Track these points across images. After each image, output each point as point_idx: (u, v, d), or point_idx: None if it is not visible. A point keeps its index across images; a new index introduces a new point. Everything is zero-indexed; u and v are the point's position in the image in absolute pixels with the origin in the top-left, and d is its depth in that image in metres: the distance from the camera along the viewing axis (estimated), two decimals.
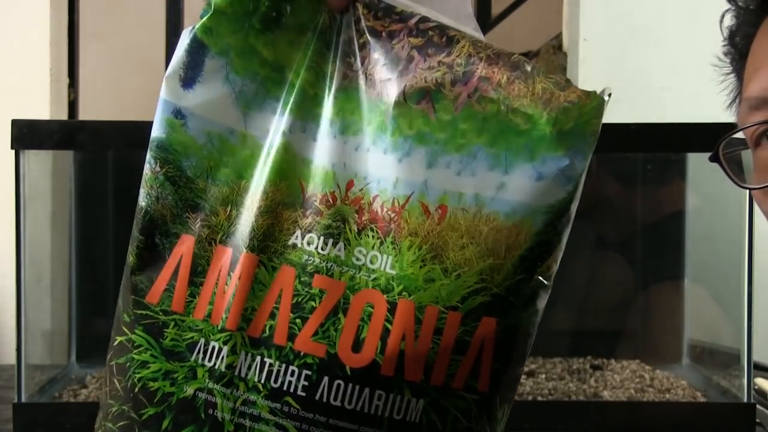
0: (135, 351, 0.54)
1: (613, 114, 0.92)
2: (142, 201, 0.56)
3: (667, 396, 1.02)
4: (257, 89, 0.55)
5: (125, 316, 0.55)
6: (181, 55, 0.55)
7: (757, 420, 0.96)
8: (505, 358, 0.53)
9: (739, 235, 0.96)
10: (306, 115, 0.55)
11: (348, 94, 0.54)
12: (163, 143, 0.55)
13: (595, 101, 0.52)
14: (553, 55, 1.64)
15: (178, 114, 0.55)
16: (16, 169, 0.94)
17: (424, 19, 0.54)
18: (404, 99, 0.53)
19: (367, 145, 0.54)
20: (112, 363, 0.55)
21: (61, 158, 1.12)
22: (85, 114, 1.58)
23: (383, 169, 0.53)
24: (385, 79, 0.54)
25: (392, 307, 0.52)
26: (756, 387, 1.05)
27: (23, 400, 0.94)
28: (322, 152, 0.54)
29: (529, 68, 0.53)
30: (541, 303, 0.54)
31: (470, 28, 0.56)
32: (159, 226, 0.55)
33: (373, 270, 0.53)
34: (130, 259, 0.56)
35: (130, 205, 0.57)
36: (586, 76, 1.45)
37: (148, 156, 0.55)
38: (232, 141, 0.55)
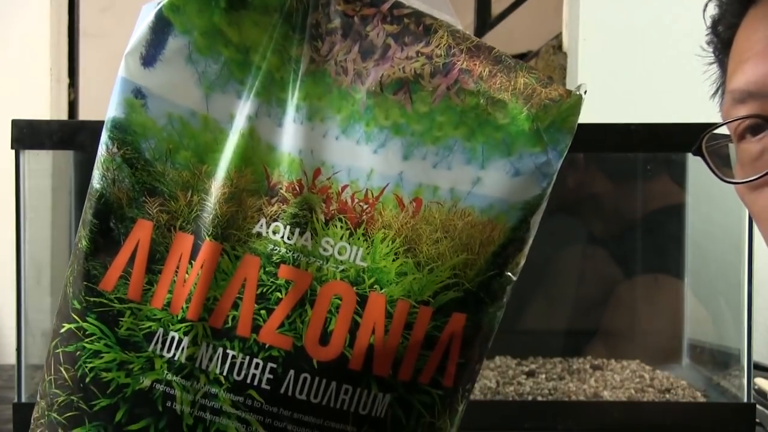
0: (87, 340, 0.52)
1: (614, 114, 0.92)
2: (97, 183, 0.53)
3: (667, 396, 1.01)
4: (220, 70, 0.53)
5: (75, 302, 0.53)
6: (143, 33, 0.53)
7: (757, 420, 0.96)
8: (470, 354, 0.53)
9: (739, 235, 0.96)
10: (271, 99, 0.53)
11: (315, 79, 0.53)
12: (121, 124, 0.53)
13: (573, 98, 0.52)
14: (553, 55, 1.64)
15: (138, 93, 0.53)
16: (16, 169, 0.94)
17: (397, 5, 0.53)
18: (381, 89, 0.52)
19: (335, 133, 0.53)
20: (59, 351, 0.53)
21: (61, 158, 1.12)
22: (85, 114, 1.58)
23: (356, 159, 0.52)
24: (358, 66, 0.53)
25: (362, 300, 0.51)
26: (756, 387, 1.05)
27: (23, 400, 0.94)
28: (288, 138, 0.53)
29: (511, 62, 0.52)
30: (507, 298, 0.54)
31: (445, 13, 0.55)
32: (114, 210, 0.53)
33: (341, 261, 0.52)
34: (83, 243, 0.54)
35: None
36: (586, 76, 1.45)
37: (104, 136, 0.54)
38: (193, 124, 0.53)
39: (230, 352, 0.51)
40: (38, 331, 1.07)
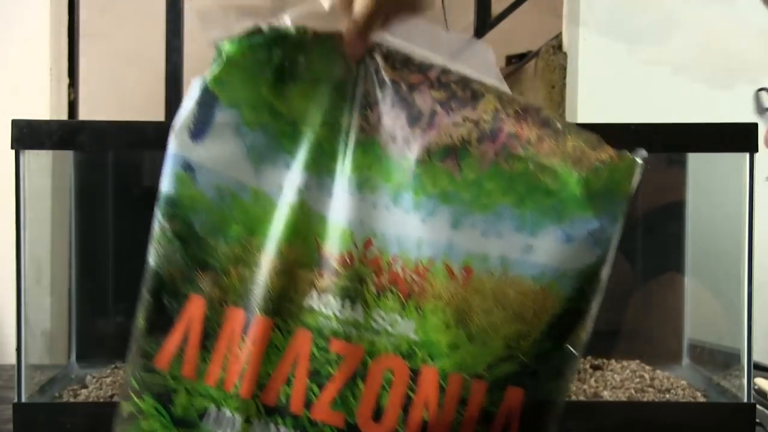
0: (142, 419, 0.52)
1: (614, 114, 0.92)
2: (151, 260, 0.53)
3: (667, 396, 1.01)
4: (270, 143, 0.52)
5: (133, 381, 0.53)
6: (191, 108, 0.52)
7: (757, 420, 0.96)
8: (533, 431, 0.51)
9: (740, 235, 0.96)
10: (322, 171, 0.52)
11: (365, 149, 0.52)
12: (171, 198, 0.53)
13: (627, 162, 0.50)
14: (553, 55, 1.64)
15: (187, 167, 0.52)
16: (16, 169, 0.94)
17: (445, 71, 0.52)
18: (428, 156, 0.51)
19: (385, 203, 0.51)
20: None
21: (61, 158, 1.12)
22: (85, 114, 1.58)
23: (405, 228, 0.51)
24: (406, 134, 0.51)
25: (414, 374, 0.50)
26: (756, 387, 1.05)
27: (23, 400, 0.94)
28: (338, 209, 0.52)
29: (559, 125, 0.51)
30: (571, 373, 0.51)
31: (491, 77, 0.53)
32: (167, 286, 0.53)
33: (393, 335, 0.50)
34: (140, 322, 0.53)
35: (130, 205, 0.56)
36: (586, 76, 1.45)
37: (157, 213, 0.53)
38: (243, 197, 0.52)
39: (282, 429, 0.50)
40: (38, 331, 1.07)
